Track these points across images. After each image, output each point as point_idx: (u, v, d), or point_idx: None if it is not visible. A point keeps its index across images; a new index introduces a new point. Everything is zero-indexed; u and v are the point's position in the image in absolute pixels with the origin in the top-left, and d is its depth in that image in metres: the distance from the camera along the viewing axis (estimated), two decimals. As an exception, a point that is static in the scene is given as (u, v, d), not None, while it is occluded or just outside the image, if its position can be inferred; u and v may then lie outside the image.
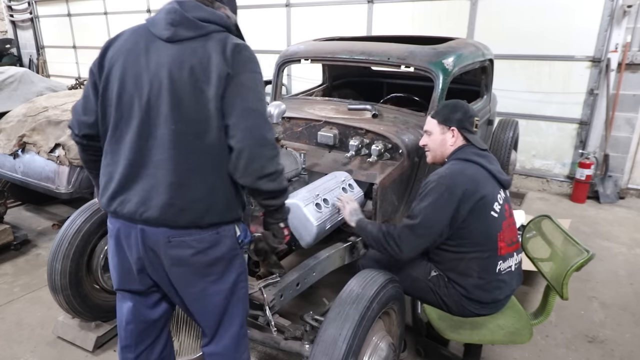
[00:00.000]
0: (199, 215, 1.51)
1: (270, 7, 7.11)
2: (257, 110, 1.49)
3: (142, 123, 1.48)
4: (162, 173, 1.47)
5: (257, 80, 1.54)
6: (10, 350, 2.69)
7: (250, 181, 1.49)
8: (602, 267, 3.60)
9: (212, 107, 1.45)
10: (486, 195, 1.98)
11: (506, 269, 2.07)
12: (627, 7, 4.63)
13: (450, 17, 5.68)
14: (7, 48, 10.95)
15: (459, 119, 2.13)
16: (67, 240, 2.49)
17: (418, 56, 3.00)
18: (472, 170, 2.02)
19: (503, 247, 2.03)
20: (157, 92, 1.46)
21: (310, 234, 2.19)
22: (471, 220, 1.96)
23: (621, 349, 2.69)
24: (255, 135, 1.47)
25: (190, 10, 1.50)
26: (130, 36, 1.56)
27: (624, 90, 4.94)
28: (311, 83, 5.01)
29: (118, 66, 1.51)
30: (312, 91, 4.26)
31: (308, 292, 2.95)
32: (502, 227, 2.03)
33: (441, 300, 2.12)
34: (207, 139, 1.47)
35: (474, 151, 2.10)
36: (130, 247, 1.57)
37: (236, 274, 1.66)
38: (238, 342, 1.74)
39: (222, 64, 1.45)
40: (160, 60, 1.47)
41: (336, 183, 2.46)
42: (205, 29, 1.50)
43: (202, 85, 1.45)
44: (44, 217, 4.62)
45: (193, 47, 1.47)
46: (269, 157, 1.49)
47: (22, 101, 4.90)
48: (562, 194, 5.34)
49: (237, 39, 1.56)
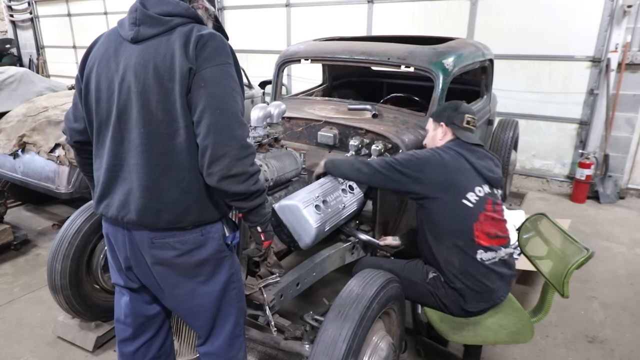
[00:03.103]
0: (177, 217, 1.49)
1: (270, 7, 7.11)
2: (222, 106, 1.40)
3: (117, 128, 1.47)
4: (137, 177, 1.46)
5: (225, 73, 1.44)
6: (10, 350, 2.69)
7: (214, 181, 1.42)
8: (602, 267, 3.60)
9: (178, 105, 1.40)
10: (459, 182, 2.06)
11: (490, 259, 2.08)
12: (627, 7, 4.63)
13: (450, 17, 5.68)
14: (7, 48, 10.94)
15: (448, 115, 2.25)
16: (67, 240, 2.49)
17: (418, 56, 3.00)
18: (449, 156, 2.11)
19: (481, 237, 2.06)
20: (126, 96, 1.44)
21: (309, 236, 2.19)
22: (438, 201, 2.05)
23: (621, 349, 2.69)
24: (220, 133, 1.38)
25: (152, 6, 1.45)
26: (104, 41, 1.54)
27: (624, 90, 4.94)
28: (311, 83, 5.02)
29: (94, 72, 1.51)
30: (312, 91, 4.26)
31: (308, 292, 2.95)
32: (479, 218, 2.06)
33: (441, 302, 2.13)
34: (178, 139, 1.43)
35: (459, 144, 2.18)
36: (119, 247, 1.61)
37: (227, 275, 1.64)
38: (232, 342, 1.74)
39: (184, 59, 1.39)
40: (127, 63, 1.44)
41: (336, 184, 2.46)
42: (169, 23, 1.44)
43: (167, 84, 1.40)
44: (44, 217, 4.62)
45: (156, 44, 1.42)
46: (236, 158, 1.39)
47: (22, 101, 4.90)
48: (562, 194, 5.34)
49: (205, 29, 1.46)
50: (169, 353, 1.90)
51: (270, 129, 2.49)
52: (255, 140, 2.39)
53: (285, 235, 2.25)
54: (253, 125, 2.40)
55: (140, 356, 1.80)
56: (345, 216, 2.44)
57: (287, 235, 2.24)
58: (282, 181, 2.46)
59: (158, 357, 1.84)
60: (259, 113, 2.39)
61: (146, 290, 1.72)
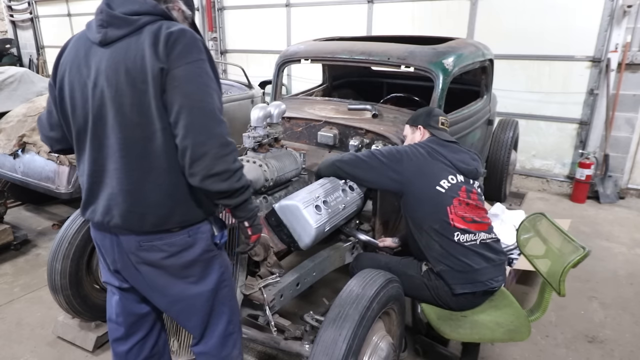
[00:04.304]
0: (161, 219, 1.48)
1: (270, 7, 7.11)
2: (199, 105, 1.37)
3: (94, 134, 1.46)
4: (117, 181, 1.45)
5: (198, 70, 1.39)
6: (10, 350, 2.69)
7: (197, 181, 1.40)
8: (602, 267, 3.60)
9: (153, 107, 1.37)
10: (432, 171, 2.21)
11: (469, 241, 2.14)
12: (627, 7, 4.63)
13: (450, 17, 5.68)
14: (7, 48, 10.94)
15: (424, 119, 2.44)
16: (67, 240, 2.49)
17: (418, 56, 3.00)
18: (425, 150, 2.27)
19: (456, 219, 2.14)
20: (100, 102, 1.42)
21: (309, 236, 2.19)
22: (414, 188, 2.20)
23: (621, 349, 2.69)
24: (198, 133, 1.36)
25: (118, 6, 1.40)
26: (73, 45, 1.51)
27: (624, 90, 4.94)
28: (311, 83, 5.02)
29: (66, 79, 1.48)
30: (312, 91, 4.26)
31: (308, 292, 2.95)
32: (453, 202, 2.17)
33: (435, 294, 2.18)
34: (156, 141, 1.40)
35: (435, 141, 2.34)
36: (107, 252, 1.60)
37: (217, 274, 1.64)
38: (226, 340, 1.74)
39: (154, 59, 1.34)
40: (98, 67, 1.40)
41: (336, 184, 2.46)
42: (136, 23, 1.39)
43: (140, 86, 1.36)
44: (44, 217, 4.62)
45: (125, 46, 1.38)
46: (217, 156, 1.37)
47: (22, 101, 4.89)
48: (562, 194, 5.34)
49: (174, 25, 1.40)
50: (162, 352, 1.90)
51: (270, 129, 2.49)
52: (255, 140, 2.39)
53: (285, 235, 2.25)
54: (253, 125, 2.40)
55: (133, 356, 1.80)
56: (345, 216, 2.44)
57: (287, 235, 2.24)
58: (282, 181, 2.47)
59: (151, 356, 1.84)
60: (259, 113, 2.38)
61: (136, 290, 1.71)
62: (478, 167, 2.32)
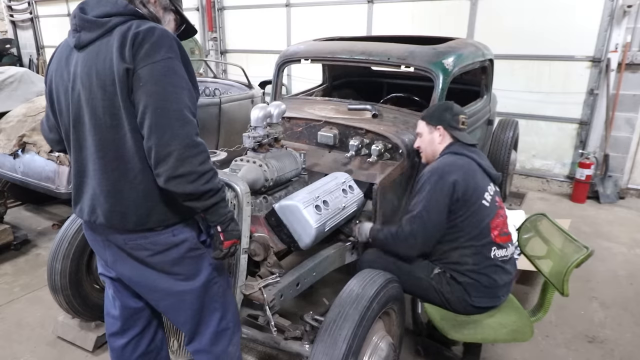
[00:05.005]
0: (141, 218, 1.48)
1: (270, 7, 7.11)
2: (163, 105, 1.34)
3: (75, 136, 1.50)
4: (97, 182, 1.48)
5: (164, 69, 1.36)
6: (10, 350, 2.69)
7: (162, 182, 1.38)
8: (602, 267, 3.60)
9: (122, 109, 1.38)
10: (477, 185, 2.08)
11: (502, 257, 2.11)
12: (627, 7, 4.63)
13: (450, 17, 5.68)
14: (7, 48, 10.94)
15: (444, 118, 2.25)
16: (67, 240, 2.49)
17: (418, 56, 3.00)
18: (463, 162, 2.13)
19: (497, 234, 2.08)
20: (77, 105, 1.45)
21: (309, 236, 2.19)
22: (465, 208, 2.05)
23: (621, 349, 2.69)
24: (162, 133, 1.33)
25: (91, 9, 1.43)
26: (58, 50, 1.55)
27: (624, 90, 4.94)
28: (311, 83, 5.01)
29: (53, 84, 1.54)
30: (312, 91, 4.26)
31: (308, 292, 2.94)
32: (495, 216, 2.09)
33: (444, 298, 2.13)
34: (127, 142, 1.41)
35: (462, 146, 2.21)
36: (98, 247, 1.64)
37: (207, 272, 1.65)
38: (219, 337, 1.74)
39: (120, 60, 1.34)
40: (75, 71, 1.43)
41: (336, 185, 2.46)
42: (107, 25, 1.39)
43: (109, 89, 1.37)
44: (44, 217, 4.62)
45: (97, 49, 1.40)
46: (181, 157, 1.34)
47: (22, 101, 4.89)
48: (562, 194, 5.34)
49: (143, 24, 1.38)
50: (159, 349, 1.90)
51: (270, 129, 2.49)
52: (255, 140, 2.39)
53: (285, 235, 2.25)
54: (253, 125, 2.40)
55: (129, 351, 1.81)
56: (345, 216, 2.44)
57: (287, 235, 2.24)
58: (282, 181, 2.46)
59: (148, 352, 1.85)
60: (259, 113, 2.39)
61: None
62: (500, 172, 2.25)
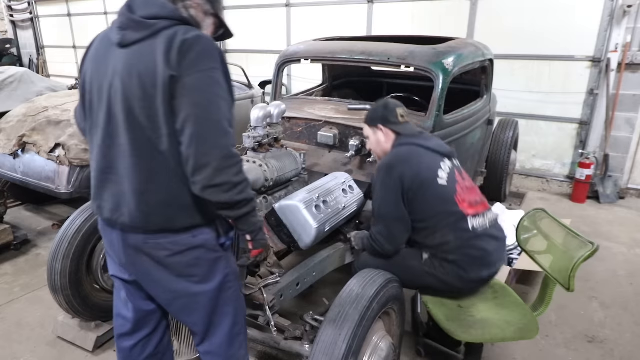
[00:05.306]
0: (168, 220, 1.50)
1: (270, 7, 7.11)
2: (205, 115, 1.38)
3: (106, 132, 1.49)
4: (128, 181, 1.48)
5: (209, 79, 1.39)
6: (10, 350, 2.69)
7: (198, 190, 1.42)
8: (602, 267, 3.60)
9: (161, 113, 1.39)
10: (427, 167, 2.12)
11: (481, 226, 2.12)
12: (627, 7, 4.63)
13: (450, 17, 5.68)
14: (7, 48, 10.94)
15: (382, 116, 2.27)
16: (67, 240, 2.49)
17: (418, 56, 3.00)
18: (406, 151, 2.17)
19: (466, 207, 2.10)
20: (114, 101, 1.44)
21: (309, 236, 2.19)
22: (421, 194, 2.08)
23: (621, 349, 2.69)
24: (202, 143, 1.37)
25: (138, 9, 1.43)
26: (97, 43, 1.55)
27: (624, 90, 4.94)
28: (311, 83, 5.01)
29: (88, 75, 1.54)
30: (312, 91, 4.26)
31: (308, 292, 2.95)
32: (457, 190, 2.11)
33: (441, 280, 2.13)
34: (162, 145, 1.42)
35: (407, 137, 2.23)
36: (114, 247, 1.62)
37: (222, 275, 1.65)
38: (231, 341, 1.74)
39: (165, 66, 1.35)
40: (115, 68, 1.44)
41: (336, 185, 2.46)
42: (153, 27, 1.40)
43: (150, 91, 1.38)
44: (44, 217, 4.62)
45: (141, 50, 1.40)
46: (218, 167, 1.38)
47: (22, 101, 4.89)
48: (562, 194, 5.34)
49: (190, 32, 1.41)
50: (166, 351, 1.90)
51: (270, 129, 2.49)
52: (255, 140, 2.39)
53: (285, 235, 2.25)
54: (253, 125, 2.40)
55: (137, 352, 1.80)
56: (345, 216, 2.45)
57: (287, 235, 2.25)
58: (282, 181, 2.47)
59: (155, 354, 1.85)
60: (259, 113, 2.39)
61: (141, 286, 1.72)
62: (452, 148, 2.29)
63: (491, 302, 2.21)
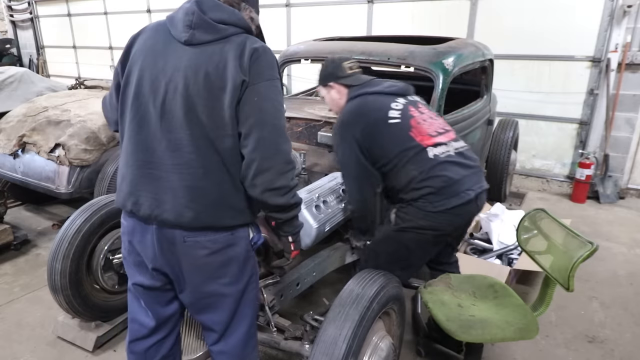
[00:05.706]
0: (214, 219, 1.50)
1: (270, 7, 7.10)
2: (272, 121, 1.46)
3: (157, 126, 1.47)
4: (179, 177, 1.47)
5: (275, 88, 1.49)
6: (10, 350, 2.69)
7: (257, 193, 1.48)
8: (602, 267, 3.60)
9: (227, 114, 1.43)
10: (378, 112, 2.15)
11: (443, 153, 2.12)
12: (627, 7, 4.63)
13: (450, 17, 5.68)
14: (7, 48, 10.94)
15: (330, 73, 2.32)
16: (67, 240, 2.49)
17: (418, 56, 3.00)
18: (355, 104, 2.20)
19: (425, 139, 2.11)
20: (172, 97, 1.45)
21: (309, 236, 2.19)
22: (376, 139, 2.12)
23: (621, 349, 2.69)
24: (267, 148, 1.44)
25: (208, 11, 1.46)
26: (151, 35, 1.55)
27: (624, 90, 4.94)
28: (311, 83, 5.01)
29: (137, 66, 1.51)
30: (312, 91, 4.26)
31: (308, 292, 2.95)
32: (412, 125, 2.14)
33: (419, 228, 2.13)
34: (222, 144, 1.45)
35: (358, 88, 2.25)
36: (146, 246, 1.57)
37: (248, 275, 1.65)
38: (247, 341, 1.75)
39: (238, 71, 1.41)
40: (177, 64, 1.45)
41: (336, 184, 2.46)
42: (224, 32, 1.46)
43: (217, 92, 1.42)
44: (44, 217, 4.62)
45: (210, 51, 1.44)
46: (280, 172, 1.47)
47: (22, 101, 4.90)
48: (562, 194, 5.34)
49: (257, 42, 1.50)
50: (177, 352, 1.90)
51: (270, 129, 2.49)
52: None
53: (285, 235, 2.25)
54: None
55: (152, 354, 1.78)
56: (345, 216, 2.44)
57: (287, 235, 2.24)
58: (282, 181, 2.46)
59: (168, 355, 1.84)
60: (259, 113, 2.38)
61: (166, 290, 1.69)
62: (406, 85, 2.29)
63: (491, 302, 2.22)
